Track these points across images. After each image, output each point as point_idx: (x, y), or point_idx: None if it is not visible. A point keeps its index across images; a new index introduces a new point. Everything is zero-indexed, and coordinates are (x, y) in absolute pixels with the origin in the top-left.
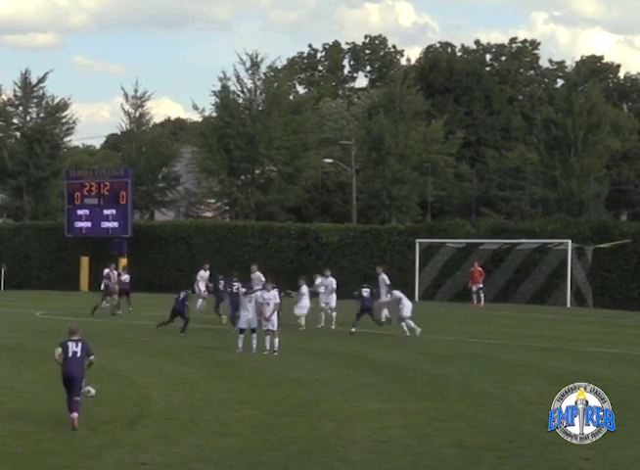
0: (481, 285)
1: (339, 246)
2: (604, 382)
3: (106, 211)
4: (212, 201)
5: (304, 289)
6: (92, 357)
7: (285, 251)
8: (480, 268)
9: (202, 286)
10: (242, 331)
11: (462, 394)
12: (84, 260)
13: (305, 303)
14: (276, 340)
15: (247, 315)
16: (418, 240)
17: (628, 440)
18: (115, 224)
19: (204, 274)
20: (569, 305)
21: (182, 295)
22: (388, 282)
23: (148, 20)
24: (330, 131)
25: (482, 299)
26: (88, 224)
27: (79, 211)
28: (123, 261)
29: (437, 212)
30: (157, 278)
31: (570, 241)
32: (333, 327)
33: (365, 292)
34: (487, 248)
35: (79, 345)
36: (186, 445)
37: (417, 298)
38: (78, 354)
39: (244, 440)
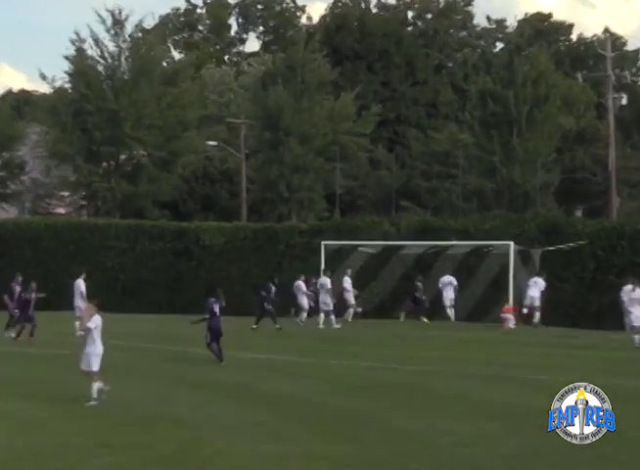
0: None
1: (225, 249)
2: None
3: None
4: (66, 194)
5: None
6: None
7: (158, 256)
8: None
9: (304, 298)
10: None
11: (379, 434)
12: None
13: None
14: None
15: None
16: (324, 242)
17: None
18: None
19: (302, 285)
20: (512, 322)
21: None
22: None
23: None
24: (214, 106)
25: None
26: None
27: None
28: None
29: (348, 208)
30: None
31: (512, 243)
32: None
33: None
34: (410, 252)
35: None
36: None
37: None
38: None
39: None
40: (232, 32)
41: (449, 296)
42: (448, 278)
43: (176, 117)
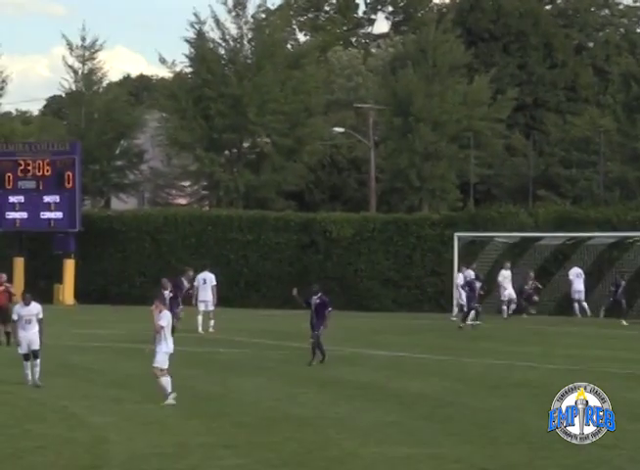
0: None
1: (353, 242)
2: None
3: (47, 198)
4: (187, 184)
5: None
6: None
7: (282, 248)
8: None
9: (508, 286)
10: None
11: (516, 435)
12: (18, 262)
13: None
14: None
15: None
16: (457, 233)
17: None
18: (60, 215)
19: (506, 274)
20: None
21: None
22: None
23: None
24: (341, 91)
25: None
26: (23, 215)
27: (12, 198)
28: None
29: (483, 197)
30: (114, 286)
31: None
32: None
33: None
34: (548, 243)
35: None
36: None
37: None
38: None
39: None
40: (360, 13)
41: (579, 288)
42: (576, 270)
43: (301, 103)
